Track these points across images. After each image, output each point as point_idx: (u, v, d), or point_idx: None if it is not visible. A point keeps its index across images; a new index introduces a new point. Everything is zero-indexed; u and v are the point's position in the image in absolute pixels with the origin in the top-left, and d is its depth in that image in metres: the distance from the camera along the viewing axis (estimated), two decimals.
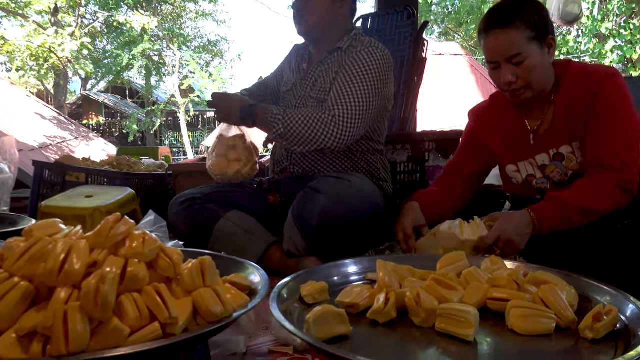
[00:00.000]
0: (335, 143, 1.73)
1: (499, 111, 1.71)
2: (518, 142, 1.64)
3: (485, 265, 1.14)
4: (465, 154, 1.81)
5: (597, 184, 1.42)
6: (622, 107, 1.47)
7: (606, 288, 0.99)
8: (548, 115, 1.59)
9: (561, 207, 1.41)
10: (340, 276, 1.16)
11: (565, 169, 1.58)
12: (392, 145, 2.56)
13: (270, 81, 2.20)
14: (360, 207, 1.66)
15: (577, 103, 1.51)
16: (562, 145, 1.56)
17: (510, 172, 1.70)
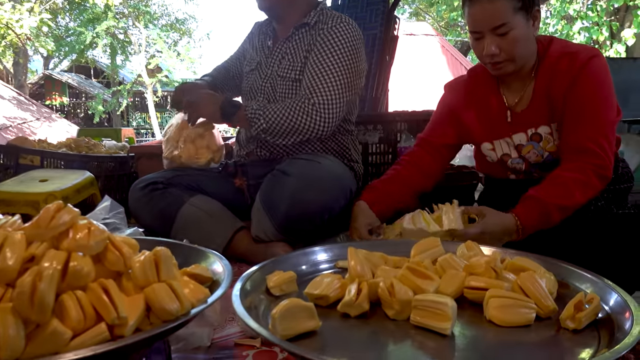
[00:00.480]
0: (319, 132, 1.66)
1: (476, 86, 1.67)
2: (495, 119, 1.61)
3: (460, 251, 1.09)
4: (438, 125, 1.74)
5: (575, 176, 1.39)
6: (602, 90, 1.44)
7: (586, 274, 0.95)
8: (527, 92, 1.56)
9: (543, 210, 1.38)
10: (310, 264, 1.10)
11: (542, 150, 1.55)
12: (364, 125, 2.49)
13: (232, 64, 2.09)
14: (331, 190, 1.59)
15: (558, 82, 1.47)
16: (540, 126, 1.53)
17: (485, 150, 1.66)
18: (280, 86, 1.81)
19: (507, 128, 1.59)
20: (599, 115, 1.43)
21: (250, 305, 0.85)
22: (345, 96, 1.68)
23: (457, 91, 1.72)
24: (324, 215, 1.60)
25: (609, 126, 1.44)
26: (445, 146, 1.73)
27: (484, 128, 1.64)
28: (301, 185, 1.55)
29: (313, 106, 1.64)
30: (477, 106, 1.65)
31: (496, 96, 1.61)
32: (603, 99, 1.44)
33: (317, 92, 1.65)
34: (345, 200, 1.67)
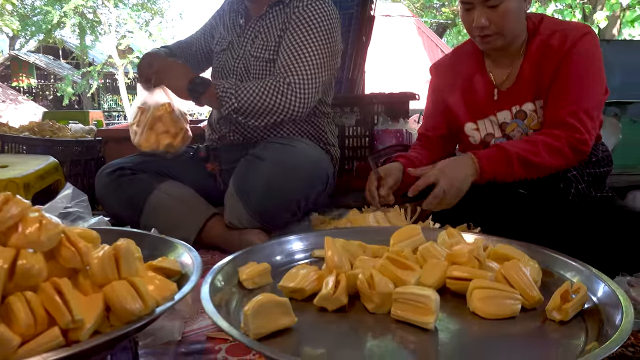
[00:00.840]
0: (294, 112, 1.59)
1: (462, 64, 1.64)
2: (480, 98, 1.59)
3: (441, 239, 1.05)
4: (431, 117, 1.75)
5: (547, 140, 1.38)
6: (591, 67, 1.42)
7: (571, 262, 0.92)
8: (514, 69, 1.53)
9: (504, 156, 1.37)
10: (284, 254, 1.05)
11: (526, 128, 1.53)
12: (340, 108, 2.44)
13: (196, 40, 1.99)
14: (308, 175, 1.54)
15: (548, 58, 1.45)
16: (525, 103, 1.52)
17: (468, 130, 1.63)
18: (254, 67, 1.73)
19: (492, 106, 1.56)
20: (584, 91, 1.41)
21: (221, 301, 0.80)
22: (321, 76, 1.62)
23: (442, 72, 1.69)
24: (300, 202, 1.55)
25: (593, 103, 1.42)
26: (441, 137, 1.73)
27: (469, 107, 1.61)
28: (276, 170, 1.49)
29: (288, 86, 1.57)
30: (462, 85, 1.62)
31: (482, 74, 1.59)
32: (591, 76, 1.42)
33: (293, 72, 1.58)
34: (323, 185, 1.62)
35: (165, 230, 1.63)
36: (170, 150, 1.71)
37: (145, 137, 1.66)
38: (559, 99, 1.42)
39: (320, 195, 1.64)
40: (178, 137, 1.69)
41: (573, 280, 0.88)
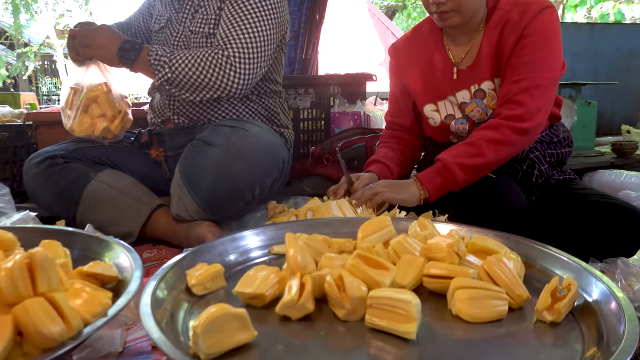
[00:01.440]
0: (234, 89, 1.45)
1: (420, 43, 1.57)
2: (439, 78, 1.52)
3: (412, 230, 0.95)
4: (396, 104, 1.68)
5: (487, 135, 1.34)
6: (549, 42, 1.37)
7: (555, 254, 0.84)
8: (474, 47, 1.48)
9: (443, 169, 1.34)
10: (239, 253, 0.93)
11: (486, 107, 1.47)
12: (294, 89, 2.31)
13: (135, 21, 1.82)
14: (261, 161, 1.41)
15: (507, 33, 1.39)
16: (484, 81, 1.46)
17: (428, 112, 1.56)
18: (194, 43, 1.58)
19: (451, 86, 1.50)
20: (539, 65, 1.35)
21: (164, 315, 0.67)
22: (265, 49, 1.48)
23: (400, 52, 1.61)
24: (254, 190, 1.42)
25: (548, 79, 1.36)
26: (410, 122, 1.67)
27: (428, 88, 1.54)
28: (227, 156, 1.35)
29: (227, 59, 1.43)
30: (421, 65, 1.55)
31: (441, 53, 1.52)
32: (548, 49, 1.36)
33: (233, 43, 1.44)
34: (278, 171, 1.50)
35: (105, 225, 1.49)
36: (108, 136, 1.54)
37: (79, 121, 1.48)
38: (512, 74, 1.37)
39: (275, 182, 1.52)
40: (116, 120, 1.52)
41: (560, 275, 0.81)
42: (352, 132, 2.10)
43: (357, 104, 2.31)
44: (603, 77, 3.65)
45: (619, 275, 1.16)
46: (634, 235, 1.34)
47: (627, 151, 2.36)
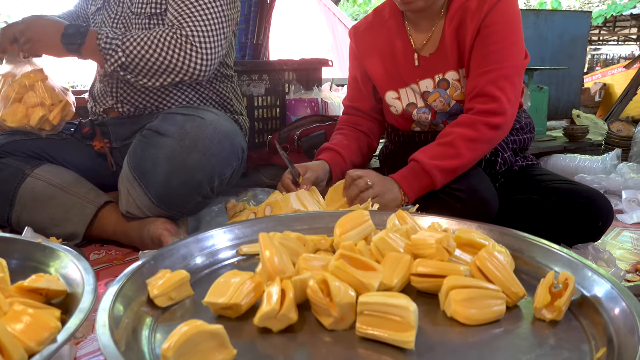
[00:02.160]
0: (197, 71, 1.33)
1: (382, 27, 1.51)
2: (401, 64, 1.46)
3: (391, 224, 0.89)
4: (356, 89, 1.61)
5: (463, 133, 1.30)
6: (511, 31, 1.34)
7: (545, 246, 0.80)
8: (436, 34, 1.43)
9: (425, 176, 1.28)
10: (205, 255, 0.83)
11: (449, 98, 1.43)
12: (248, 76, 2.20)
13: (80, 7, 1.66)
14: (220, 150, 1.30)
15: (467, 23, 1.35)
16: (449, 71, 1.42)
17: (389, 99, 1.50)
18: (136, 25, 1.44)
19: (414, 74, 1.45)
20: (504, 56, 1.32)
21: (124, 335, 0.57)
22: (224, 27, 1.37)
23: (361, 36, 1.55)
24: (213, 182, 1.32)
25: (514, 69, 1.34)
26: (374, 109, 1.61)
27: (390, 74, 1.48)
28: (182, 146, 1.24)
29: (187, 38, 1.31)
30: (382, 50, 1.49)
31: (402, 38, 1.47)
32: (511, 39, 1.34)
33: (189, 22, 1.32)
34: (238, 161, 1.40)
35: (46, 227, 1.35)
36: (46, 127, 1.38)
37: (12, 111, 1.33)
38: (479, 66, 1.33)
39: (235, 173, 1.42)
40: (55, 110, 1.37)
41: (551, 267, 0.76)
42: (310, 120, 2.02)
43: (314, 90, 2.23)
44: (548, 63, 3.72)
45: (592, 262, 1.15)
46: (599, 221, 1.34)
47: (578, 136, 2.41)
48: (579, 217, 1.33)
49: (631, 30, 13.51)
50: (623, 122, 2.34)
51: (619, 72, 4.73)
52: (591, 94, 4.72)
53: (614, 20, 11.71)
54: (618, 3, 9.87)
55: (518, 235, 0.84)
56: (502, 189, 1.54)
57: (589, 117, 2.69)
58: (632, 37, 14.39)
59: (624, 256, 1.38)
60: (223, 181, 1.35)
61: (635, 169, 1.93)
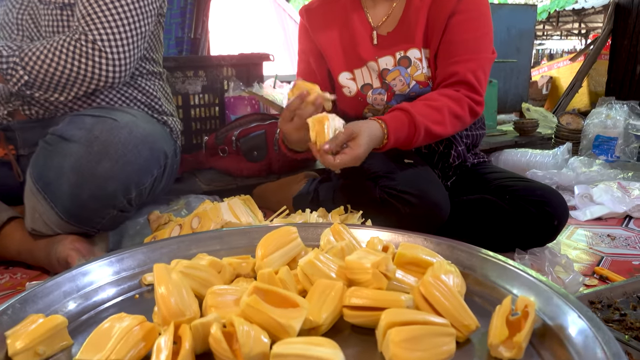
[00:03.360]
0: (110, 78, 1.19)
1: (334, 4, 1.39)
2: (358, 42, 1.35)
3: (325, 240, 0.76)
4: (308, 70, 1.45)
5: (452, 106, 1.21)
6: (486, 22, 1.29)
7: (497, 262, 0.69)
8: (395, 12, 1.34)
9: (412, 127, 1.17)
10: (95, 290, 0.68)
11: (409, 78, 1.33)
12: (182, 72, 2.04)
13: None
14: (136, 157, 1.14)
15: (439, 6, 1.27)
16: (411, 48, 1.31)
17: (343, 80, 1.39)
18: (45, 17, 1.26)
19: (371, 52, 1.34)
20: (481, 48, 1.27)
21: None
22: (140, 27, 1.22)
23: (313, 12, 1.42)
24: (129, 193, 1.15)
25: (487, 62, 1.29)
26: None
27: (347, 52, 1.36)
28: (90, 153, 1.08)
29: (93, 44, 1.15)
30: (337, 27, 1.37)
31: (359, 15, 1.36)
32: (487, 29, 1.29)
33: (97, 23, 1.16)
34: (160, 168, 1.24)
35: None
36: None
37: None
38: (455, 53, 1.25)
39: (158, 181, 1.26)
40: None
41: (506, 288, 0.65)
42: (249, 118, 1.87)
43: (255, 86, 2.08)
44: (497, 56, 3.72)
45: (549, 268, 1.06)
46: (554, 219, 1.27)
47: (528, 129, 2.36)
48: (534, 216, 1.25)
49: (573, 25, 13.93)
50: (572, 115, 2.31)
51: (564, 64, 4.79)
52: (538, 87, 4.75)
53: (557, 15, 12.01)
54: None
55: (469, 249, 0.73)
56: (452, 188, 1.45)
57: (538, 110, 2.66)
58: (574, 31, 14.85)
59: (579, 257, 1.31)
60: (142, 191, 1.19)
61: (587, 162, 1.88)
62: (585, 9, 9.85)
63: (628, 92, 3.49)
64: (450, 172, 1.46)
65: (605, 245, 1.39)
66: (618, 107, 2.09)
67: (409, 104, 1.19)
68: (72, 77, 1.15)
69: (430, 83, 1.33)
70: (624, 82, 3.55)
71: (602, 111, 2.11)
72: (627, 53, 3.49)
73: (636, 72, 3.46)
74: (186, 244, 0.79)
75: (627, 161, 2.02)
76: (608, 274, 1.18)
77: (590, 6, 9.28)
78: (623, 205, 1.61)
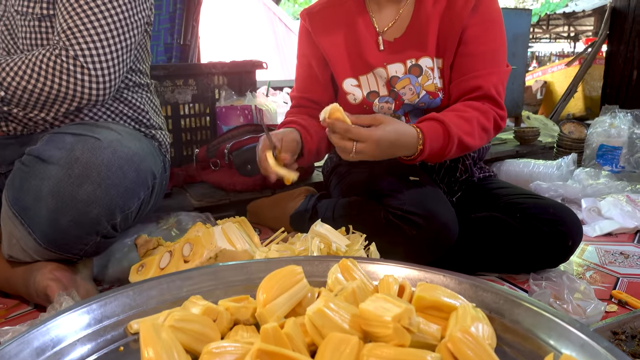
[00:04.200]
0: (94, 96, 1.10)
1: (338, 8, 1.32)
2: (364, 47, 1.28)
3: (333, 279, 0.68)
4: (310, 74, 1.38)
5: (481, 118, 1.16)
6: (499, 26, 1.23)
7: (530, 306, 0.61)
8: (404, 16, 1.27)
9: (447, 138, 1.11)
10: (72, 341, 0.59)
11: (419, 87, 1.27)
12: (171, 80, 1.95)
13: None
14: (120, 179, 1.05)
15: (453, 13, 1.20)
16: (423, 57, 1.25)
17: (347, 87, 1.32)
18: (22, 29, 1.17)
19: (379, 58, 1.27)
20: (500, 60, 1.22)
21: None
22: (125, 40, 1.14)
23: (316, 15, 1.34)
24: (114, 218, 1.06)
25: (506, 75, 1.24)
26: (330, 100, 1.38)
27: (352, 57, 1.29)
28: (70, 176, 0.99)
29: (75, 60, 1.06)
30: (342, 30, 1.30)
31: (364, 19, 1.29)
32: (502, 42, 1.24)
33: (79, 38, 1.07)
34: (146, 189, 1.15)
35: None
36: None
37: None
38: (474, 66, 1.20)
39: (145, 203, 1.17)
40: None
41: (548, 342, 0.58)
42: (242, 129, 1.79)
43: (247, 96, 2.00)
44: None
45: (568, 296, 0.99)
46: (569, 239, 1.20)
47: (529, 138, 2.29)
48: (546, 236, 1.18)
49: (563, 28, 14.01)
50: (574, 123, 2.25)
51: (558, 69, 4.76)
52: (533, 92, 4.71)
53: (547, 18, 12.06)
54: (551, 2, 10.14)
55: (495, 290, 0.65)
56: (458, 204, 1.38)
57: (538, 118, 2.60)
58: (564, 34, 14.94)
59: (594, 278, 1.24)
60: (128, 216, 1.10)
61: (593, 174, 1.82)
62: (576, 12, 9.89)
63: (625, 97, 3.45)
64: (456, 187, 1.39)
65: (619, 264, 1.32)
66: (622, 116, 2.03)
67: (439, 113, 1.13)
68: (52, 95, 1.06)
69: (440, 94, 1.26)
70: (620, 88, 3.51)
71: (605, 120, 2.05)
72: (624, 58, 3.45)
73: (632, 77, 3.42)
74: (177, 284, 0.70)
75: (632, 171, 1.96)
76: (627, 298, 1.11)
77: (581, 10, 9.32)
78: (634, 220, 1.55)
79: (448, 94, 1.26)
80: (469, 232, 1.24)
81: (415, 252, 1.16)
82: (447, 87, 1.26)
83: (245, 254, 0.97)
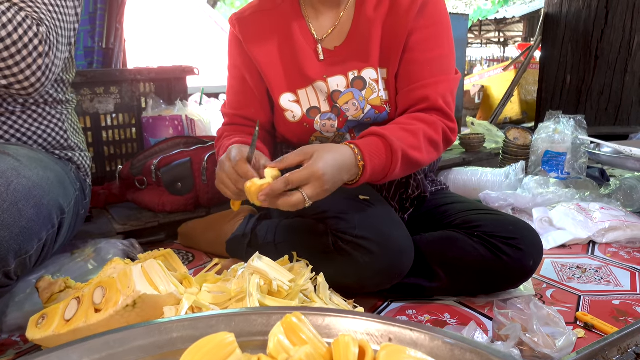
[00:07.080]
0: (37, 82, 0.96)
1: (272, 11, 1.17)
2: (301, 57, 1.14)
3: (274, 343, 0.54)
4: (243, 88, 1.22)
5: (428, 131, 1.04)
6: (447, 32, 1.13)
7: None
8: (344, 22, 1.15)
9: (389, 153, 0.98)
10: None
11: (363, 102, 1.14)
12: (90, 88, 1.75)
13: None
14: (14, 218, 0.84)
15: (400, 16, 1.09)
16: (365, 68, 1.12)
17: (285, 103, 1.17)
18: None
19: (318, 69, 1.14)
20: (447, 68, 1.11)
21: None
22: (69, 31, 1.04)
23: (246, 20, 1.18)
24: (6, 265, 0.85)
25: (455, 84, 1.13)
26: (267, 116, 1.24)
27: (286, 70, 1.15)
28: None
29: (39, 27, 0.92)
30: (275, 40, 1.16)
31: (300, 25, 1.16)
32: (450, 49, 1.13)
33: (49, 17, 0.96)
34: (51, 227, 0.95)
35: None
36: None
37: None
38: (421, 75, 1.09)
39: (50, 242, 0.97)
40: None
41: None
42: (171, 142, 1.62)
43: (177, 105, 1.82)
44: None
45: (537, 326, 0.90)
46: (530, 259, 1.11)
47: (475, 145, 2.24)
48: (507, 255, 1.09)
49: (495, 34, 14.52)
50: (519, 129, 2.22)
51: (495, 73, 4.83)
52: (471, 96, 4.76)
53: (479, 24, 12.44)
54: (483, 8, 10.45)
55: (476, 348, 0.53)
56: (410, 222, 1.27)
57: (482, 124, 2.57)
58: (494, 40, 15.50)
59: (555, 298, 1.17)
60: (26, 260, 0.90)
61: (542, 182, 1.77)
62: (506, 18, 10.23)
63: (560, 101, 3.51)
64: (408, 204, 1.28)
65: (577, 279, 1.26)
66: (565, 121, 2.01)
67: (379, 127, 1.01)
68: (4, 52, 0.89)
69: (387, 108, 1.14)
70: (555, 92, 3.57)
71: (550, 125, 2.02)
72: (557, 63, 3.51)
73: (566, 82, 3.49)
74: (77, 356, 0.54)
75: (577, 177, 1.94)
76: (593, 321, 1.03)
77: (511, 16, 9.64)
78: (586, 230, 1.50)
79: (395, 107, 1.15)
80: (423, 251, 1.13)
81: (368, 280, 1.04)
82: (394, 99, 1.15)
83: (170, 298, 0.81)
